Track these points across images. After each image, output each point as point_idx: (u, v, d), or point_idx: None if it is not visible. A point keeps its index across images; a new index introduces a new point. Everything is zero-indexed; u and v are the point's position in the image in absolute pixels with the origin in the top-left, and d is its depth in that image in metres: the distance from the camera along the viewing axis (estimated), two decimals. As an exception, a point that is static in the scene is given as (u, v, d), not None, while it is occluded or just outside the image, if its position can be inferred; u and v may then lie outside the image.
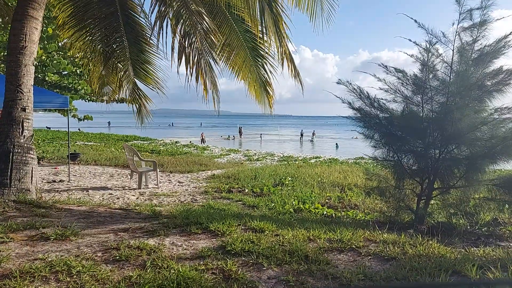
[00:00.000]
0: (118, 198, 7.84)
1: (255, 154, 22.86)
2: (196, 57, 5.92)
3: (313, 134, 56.76)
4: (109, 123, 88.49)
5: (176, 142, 31.38)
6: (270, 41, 6.58)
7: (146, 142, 30.35)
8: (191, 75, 5.95)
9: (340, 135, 64.15)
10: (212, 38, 6.16)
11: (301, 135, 56.22)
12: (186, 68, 6.00)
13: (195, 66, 5.97)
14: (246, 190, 8.88)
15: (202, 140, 42.08)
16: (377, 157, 6.12)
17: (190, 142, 36.01)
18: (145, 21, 7.07)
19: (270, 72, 7.42)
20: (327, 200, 7.91)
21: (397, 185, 6.05)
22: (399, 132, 6.00)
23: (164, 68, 7.14)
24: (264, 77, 7.49)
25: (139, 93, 6.84)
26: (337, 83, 6.33)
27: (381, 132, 6.10)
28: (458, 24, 5.56)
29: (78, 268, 3.03)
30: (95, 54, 7.08)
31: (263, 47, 7.02)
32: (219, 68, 7.16)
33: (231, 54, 7.19)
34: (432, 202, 6.01)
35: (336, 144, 43.35)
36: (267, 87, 7.59)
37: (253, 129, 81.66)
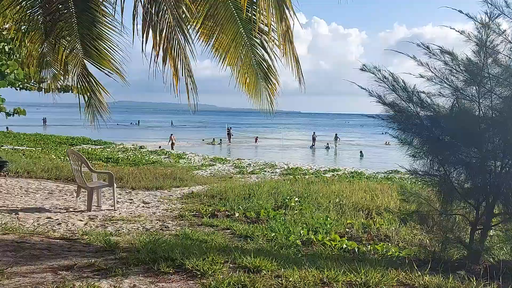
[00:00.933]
0: (59, 224, 7.80)
1: (250, 164, 22.95)
2: (165, 31, 5.89)
3: (336, 138, 55.53)
4: (44, 120, 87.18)
5: (141, 148, 31.43)
6: (269, 10, 6.48)
7: (99, 146, 30.36)
8: (157, 56, 5.86)
9: (366, 140, 64.33)
10: (187, 8, 6.15)
11: (313, 139, 56.00)
12: (153, 46, 5.92)
13: (163, 44, 5.91)
14: (237, 215, 8.93)
15: (172, 145, 42.32)
16: (417, 170, 6.16)
17: (160, 147, 36.10)
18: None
19: (274, 54, 7.21)
20: (347, 229, 7.93)
21: (443, 209, 6.08)
22: (446, 136, 6.08)
23: (127, 47, 6.73)
24: (263, 60, 7.37)
25: (89, 79, 6.79)
26: (361, 69, 6.38)
27: (422, 137, 6.16)
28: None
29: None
30: (33, 25, 7.02)
31: (262, 18, 6.91)
32: (199, 47, 7.17)
33: (215, 29, 7.12)
34: (491, 233, 6.00)
35: (361, 152, 43.63)
36: (269, 74, 7.48)
37: (247, 131, 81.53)
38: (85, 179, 9.59)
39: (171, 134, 46.96)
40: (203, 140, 58.50)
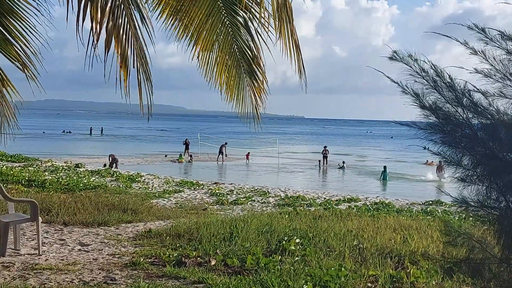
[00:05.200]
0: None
1: (232, 191, 21.26)
2: (110, 3, 5.25)
3: (441, 169, 37.43)
4: None
5: (77, 166, 27.81)
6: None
7: (17, 164, 26.83)
8: (97, 37, 5.16)
9: (397, 158, 57.98)
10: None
11: (324, 156, 48.36)
12: (92, 25, 5.17)
13: (106, 20, 5.21)
14: (213, 262, 8.05)
15: (112, 162, 36.76)
16: (467, 200, 5.45)
17: (105, 166, 32.68)
18: None
19: (261, 38, 6.37)
20: (369, 284, 7.24)
21: (505, 256, 5.47)
22: (509, 154, 5.46)
23: (52, 24, 6.24)
24: (247, 47, 6.54)
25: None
26: (391, 58, 5.47)
27: (475, 154, 5.56)
28: None
29: None
30: None
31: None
32: (158, 24, 6.43)
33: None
34: None
35: (383, 172, 37.27)
36: (254, 67, 6.64)
37: (229, 143, 72.23)
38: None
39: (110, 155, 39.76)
40: (165, 155, 51.93)
